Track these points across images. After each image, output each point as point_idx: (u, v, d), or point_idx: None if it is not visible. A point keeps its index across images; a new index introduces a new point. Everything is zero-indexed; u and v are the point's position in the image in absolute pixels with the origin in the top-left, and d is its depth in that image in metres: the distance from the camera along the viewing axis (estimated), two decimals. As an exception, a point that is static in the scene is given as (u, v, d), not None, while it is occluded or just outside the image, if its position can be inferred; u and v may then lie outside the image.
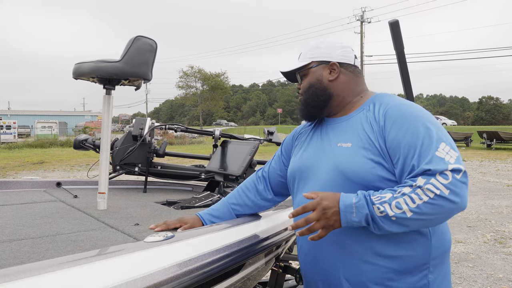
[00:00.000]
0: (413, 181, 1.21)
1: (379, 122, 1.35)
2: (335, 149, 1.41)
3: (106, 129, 2.02)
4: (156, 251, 1.19)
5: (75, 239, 1.48)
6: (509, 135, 23.52)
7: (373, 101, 1.44)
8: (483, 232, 5.90)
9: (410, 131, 1.28)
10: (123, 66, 1.81)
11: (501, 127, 53.15)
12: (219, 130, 2.82)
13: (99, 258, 1.10)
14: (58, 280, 0.96)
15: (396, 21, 1.85)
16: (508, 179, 11.23)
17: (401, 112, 1.34)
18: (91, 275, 1.02)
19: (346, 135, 1.41)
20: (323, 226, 1.26)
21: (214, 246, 1.32)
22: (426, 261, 1.34)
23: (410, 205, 1.19)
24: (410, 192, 1.20)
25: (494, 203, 7.98)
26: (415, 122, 1.30)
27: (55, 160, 16.09)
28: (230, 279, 1.50)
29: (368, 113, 1.41)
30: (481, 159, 17.17)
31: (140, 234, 1.55)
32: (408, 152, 1.27)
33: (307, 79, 1.52)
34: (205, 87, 50.16)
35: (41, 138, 27.27)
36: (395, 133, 1.30)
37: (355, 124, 1.42)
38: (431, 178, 1.19)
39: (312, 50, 1.52)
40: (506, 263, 4.60)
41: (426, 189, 1.18)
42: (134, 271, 1.07)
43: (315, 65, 1.50)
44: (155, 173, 2.73)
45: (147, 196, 2.50)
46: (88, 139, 2.83)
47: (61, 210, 1.98)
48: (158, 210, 2.07)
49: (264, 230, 1.69)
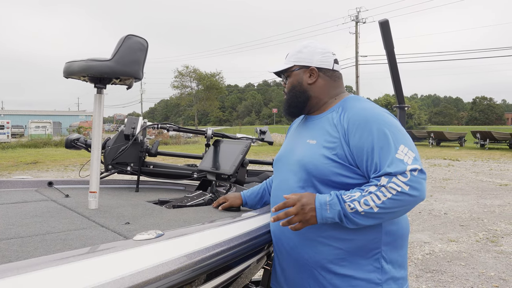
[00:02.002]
0: (378, 181, 1.39)
1: (343, 125, 1.50)
2: (304, 145, 1.60)
3: (97, 128, 2.02)
4: (145, 249, 1.19)
5: (65, 238, 1.48)
6: (502, 135, 23.66)
7: (342, 104, 1.60)
8: (476, 231, 5.94)
9: (372, 135, 1.43)
10: (113, 65, 1.81)
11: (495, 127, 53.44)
12: (211, 130, 2.82)
13: (87, 256, 1.10)
14: (46, 278, 0.96)
15: (386, 20, 1.86)
16: (501, 179, 11.31)
17: (364, 117, 1.48)
18: (79, 273, 1.02)
19: (314, 132, 1.60)
20: (300, 220, 1.45)
21: (204, 244, 1.32)
22: (377, 245, 1.51)
23: (376, 202, 1.36)
24: (376, 190, 1.38)
25: (486, 202, 8.04)
26: (377, 126, 1.44)
27: (49, 160, 16.00)
28: (221, 277, 1.50)
29: (335, 114, 1.57)
30: (475, 159, 17.27)
31: (131, 233, 1.55)
32: (371, 155, 1.42)
33: (290, 81, 1.69)
34: (200, 87, 50.07)
35: (35, 138, 27.10)
36: (358, 137, 1.45)
37: (323, 123, 1.59)
38: (392, 178, 1.36)
39: (296, 55, 1.67)
40: (497, 261, 4.63)
41: (389, 187, 1.36)
42: (123, 269, 1.07)
43: (297, 68, 1.67)
44: (148, 173, 2.73)
45: (139, 195, 2.50)
46: (80, 138, 2.82)
47: (52, 209, 1.98)
48: (150, 209, 2.07)
49: (255, 229, 1.69)
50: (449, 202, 8.02)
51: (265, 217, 1.80)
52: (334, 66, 1.67)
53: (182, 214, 1.97)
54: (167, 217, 1.90)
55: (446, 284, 4.00)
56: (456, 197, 8.55)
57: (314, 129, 1.62)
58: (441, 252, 4.98)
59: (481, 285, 3.98)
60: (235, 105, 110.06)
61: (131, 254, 1.15)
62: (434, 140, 26.20)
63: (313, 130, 1.62)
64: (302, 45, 1.70)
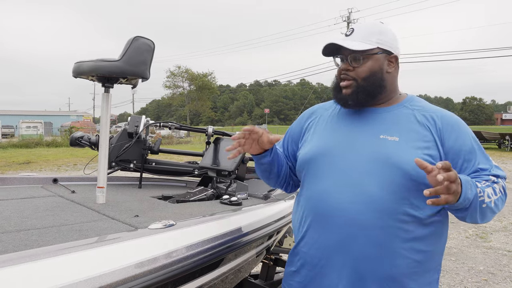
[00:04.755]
0: (488, 177, 1.34)
1: (436, 125, 1.37)
2: (378, 141, 1.36)
3: (104, 126, 2.10)
4: (161, 236, 1.29)
5: (79, 229, 1.56)
6: (491, 135, 24.00)
7: (411, 102, 1.46)
8: (466, 227, 6.09)
9: (469, 137, 1.39)
10: (122, 65, 1.89)
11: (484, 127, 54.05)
12: (212, 128, 2.91)
13: (111, 242, 1.19)
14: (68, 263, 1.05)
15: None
16: (490, 177, 11.51)
17: (456, 119, 1.42)
18: (107, 257, 1.11)
19: (389, 128, 1.38)
20: (454, 191, 1.16)
21: (212, 233, 1.41)
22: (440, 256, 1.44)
23: (493, 197, 1.30)
24: (492, 184, 1.33)
25: (476, 200, 8.20)
26: (470, 131, 1.43)
27: (41, 160, 15.95)
28: (220, 269, 1.59)
29: (414, 112, 1.41)
30: (465, 158, 17.50)
31: (142, 224, 1.64)
32: (468, 156, 1.37)
33: (369, 64, 1.41)
34: (192, 87, 50.03)
35: (26, 138, 26.90)
36: (454, 138, 1.36)
37: (399, 119, 1.40)
38: (500, 179, 1.37)
39: (378, 36, 1.42)
40: (486, 256, 4.77)
41: (501, 186, 1.35)
42: (142, 254, 1.16)
43: (380, 52, 1.41)
44: (150, 169, 2.81)
45: (143, 191, 2.58)
46: (84, 136, 2.90)
47: (61, 204, 2.05)
48: (155, 203, 2.15)
49: (256, 221, 1.79)
50: (439, 200, 8.17)
51: (269, 209, 1.89)
52: None
53: (186, 208, 2.06)
54: (172, 210, 1.99)
55: (437, 278, 4.12)
56: (447, 195, 8.70)
57: (387, 123, 1.40)
58: (432, 248, 5.11)
59: (471, 278, 4.11)
60: (227, 105, 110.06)
61: (147, 242, 1.24)
62: (424, 140, 26.43)
63: (387, 124, 1.40)
64: (381, 26, 1.45)
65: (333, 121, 1.51)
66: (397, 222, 1.31)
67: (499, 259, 4.68)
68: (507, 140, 22.04)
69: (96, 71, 1.91)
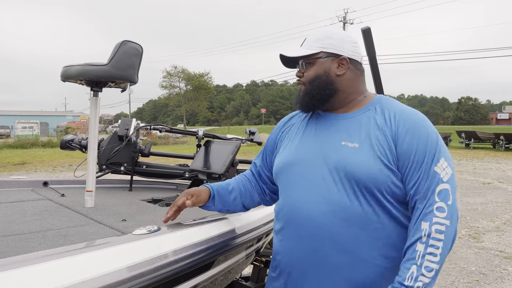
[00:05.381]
0: (420, 231, 1.25)
1: (391, 127, 1.34)
2: (340, 148, 1.37)
3: (93, 129, 2.10)
4: (144, 242, 1.29)
5: (65, 234, 1.57)
6: (486, 135, 24.11)
7: (379, 103, 1.44)
8: (458, 228, 6.11)
9: (422, 146, 1.30)
10: (110, 69, 1.90)
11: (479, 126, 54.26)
12: (202, 130, 2.92)
13: (90, 249, 1.20)
14: (52, 269, 1.05)
15: (368, 28, 1.97)
16: (484, 177, 11.57)
17: (414, 120, 1.35)
18: (84, 265, 1.11)
19: (351, 134, 1.38)
20: None
21: (197, 238, 1.42)
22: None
23: (435, 259, 1.22)
24: (425, 248, 1.23)
25: (469, 200, 8.25)
26: (427, 132, 1.33)
27: (37, 161, 15.89)
28: (211, 270, 1.60)
29: (376, 115, 1.39)
30: (459, 158, 17.59)
31: (128, 229, 1.64)
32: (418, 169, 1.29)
33: (313, 69, 1.45)
34: (188, 87, 50.00)
35: (22, 139, 26.79)
36: (408, 142, 1.31)
37: (361, 124, 1.39)
38: (432, 218, 1.24)
39: (323, 40, 1.45)
40: (478, 257, 4.80)
41: (435, 234, 1.23)
42: (124, 261, 1.17)
43: (324, 56, 1.44)
44: (140, 172, 2.82)
45: (133, 194, 2.59)
46: (75, 139, 2.90)
47: (49, 208, 2.05)
48: (144, 207, 2.16)
49: (244, 225, 1.80)
50: (433, 201, 8.21)
51: (257, 213, 1.90)
52: (362, 59, 1.51)
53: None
54: (161, 214, 1.99)
55: (429, 279, 4.15)
56: (441, 196, 8.74)
57: (348, 129, 1.40)
58: (425, 248, 5.13)
59: (462, 279, 4.14)
60: (224, 105, 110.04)
61: (131, 247, 1.25)
62: (420, 140, 26.52)
63: (347, 130, 1.40)
64: (330, 30, 1.49)
65: (302, 130, 1.53)
66: (363, 230, 1.31)
67: (491, 259, 4.72)
68: (501, 140, 22.13)
69: (84, 75, 1.92)
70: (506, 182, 10.62)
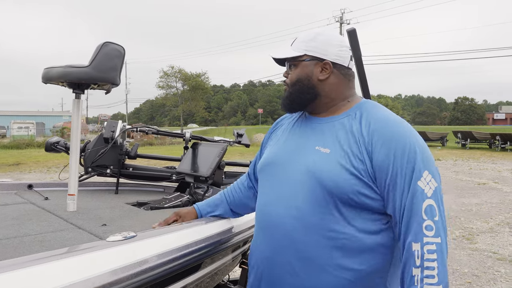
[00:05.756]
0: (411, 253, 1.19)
1: (366, 138, 1.28)
2: (312, 152, 1.34)
3: (75, 132, 2.07)
4: (117, 250, 1.25)
5: (42, 240, 1.53)
6: (482, 135, 24.18)
7: (360, 109, 1.38)
8: (452, 229, 6.10)
9: (398, 155, 1.23)
10: (91, 71, 1.86)
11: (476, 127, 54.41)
12: (189, 132, 2.89)
13: (60, 257, 1.16)
14: (17, 279, 1.01)
15: (353, 29, 1.94)
16: (479, 178, 11.58)
17: (391, 131, 1.27)
18: (50, 274, 1.07)
19: (326, 139, 1.35)
20: None
21: (174, 245, 1.39)
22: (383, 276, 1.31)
23: (435, 280, 1.16)
24: (421, 271, 1.17)
25: (464, 201, 8.24)
26: (406, 144, 1.25)
27: (32, 161, 15.82)
28: (194, 275, 1.57)
29: (353, 121, 1.34)
30: (455, 159, 17.61)
31: (106, 234, 1.61)
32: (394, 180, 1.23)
33: (297, 72, 1.42)
34: (185, 87, 49.91)
35: (17, 139, 26.71)
36: (385, 153, 1.24)
37: (338, 130, 1.35)
38: (422, 238, 1.18)
39: (308, 42, 1.41)
40: (471, 258, 4.79)
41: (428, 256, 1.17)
42: (94, 269, 1.13)
43: (308, 59, 1.40)
44: (127, 175, 2.78)
45: (118, 197, 2.55)
46: (60, 142, 2.86)
47: (30, 212, 2.02)
48: (127, 211, 2.12)
49: (227, 229, 1.76)
50: (428, 201, 8.20)
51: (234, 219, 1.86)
52: (350, 63, 1.44)
53: (159, 215, 2.03)
54: (143, 218, 1.96)
55: (421, 281, 4.13)
56: (436, 196, 8.74)
57: (324, 134, 1.37)
58: (418, 250, 5.11)
59: (455, 281, 4.12)
60: (221, 106, 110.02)
61: (103, 255, 1.21)
62: (417, 140, 26.59)
63: (323, 135, 1.36)
64: (315, 32, 1.44)
65: (287, 131, 1.51)
66: (324, 238, 1.27)
67: (484, 261, 4.70)
68: (497, 140, 22.18)
69: (65, 77, 1.88)
70: (501, 183, 10.63)
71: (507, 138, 21.89)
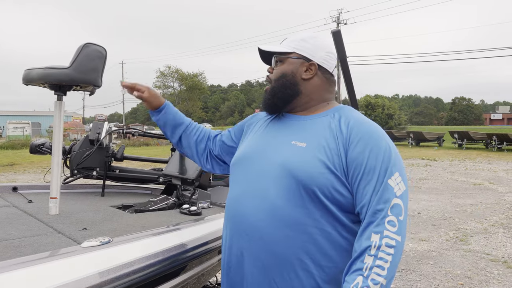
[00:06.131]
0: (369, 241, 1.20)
1: (344, 133, 1.31)
2: (288, 146, 1.36)
3: (57, 134, 2.04)
4: (90, 256, 1.23)
5: (18, 245, 1.50)
6: (478, 135, 24.21)
7: (338, 111, 1.41)
8: (446, 230, 6.09)
9: (374, 152, 1.27)
10: (71, 72, 1.83)
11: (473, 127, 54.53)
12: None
13: (32, 264, 1.13)
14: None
15: (338, 30, 1.92)
16: (475, 178, 11.58)
17: (369, 129, 1.32)
18: (22, 280, 1.05)
19: (303, 135, 1.37)
20: None
21: (149, 251, 1.36)
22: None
23: (382, 273, 1.18)
24: (374, 260, 1.19)
25: (459, 201, 8.23)
26: (384, 144, 1.29)
27: (26, 162, 15.74)
28: (173, 280, 1.54)
29: (332, 120, 1.37)
30: (452, 159, 17.63)
31: (85, 239, 1.58)
32: (369, 179, 1.26)
33: (282, 67, 1.45)
34: (182, 87, 49.86)
35: (13, 139, 26.58)
36: (360, 150, 1.28)
37: (316, 127, 1.38)
38: (383, 231, 1.20)
39: (299, 42, 1.45)
40: (464, 259, 4.77)
41: (385, 248, 1.19)
42: (65, 276, 1.10)
43: (296, 57, 1.44)
44: (114, 177, 2.75)
45: (104, 200, 2.52)
46: (46, 144, 2.82)
47: (12, 215, 1.99)
48: (111, 214, 2.09)
49: (211, 232, 1.74)
50: (423, 202, 8.19)
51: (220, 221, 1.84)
52: (334, 70, 1.49)
53: (142, 219, 2.00)
54: (126, 222, 1.93)
55: (413, 283, 4.10)
56: (431, 197, 8.73)
57: (302, 130, 1.39)
58: (412, 251, 5.10)
59: (447, 283, 4.10)
60: (218, 105, 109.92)
61: (75, 261, 1.18)
62: (413, 140, 26.66)
63: (301, 131, 1.38)
64: (307, 34, 1.49)
65: (264, 127, 1.51)
66: (295, 232, 1.27)
67: (477, 262, 4.68)
68: (494, 140, 22.22)
69: (45, 78, 1.85)
70: (496, 183, 10.63)
71: (503, 139, 21.94)
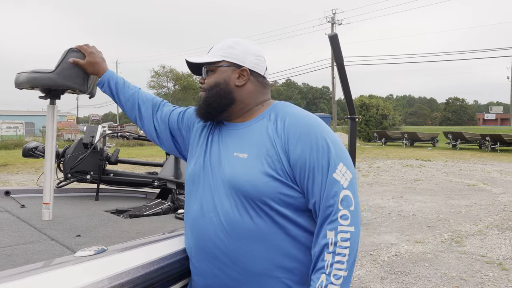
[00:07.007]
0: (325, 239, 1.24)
1: (281, 137, 1.32)
2: (231, 159, 1.36)
3: (50, 138, 2.01)
4: (85, 266, 1.19)
5: (10, 253, 1.47)
6: (472, 136, 24.33)
7: (273, 110, 1.42)
8: (441, 231, 6.10)
9: (314, 149, 1.28)
10: (55, 77, 1.78)
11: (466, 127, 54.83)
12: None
13: (24, 276, 1.10)
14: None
15: (335, 34, 1.91)
16: (469, 179, 11.63)
17: (306, 126, 1.32)
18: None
19: (243, 144, 1.37)
20: None
21: (146, 260, 1.33)
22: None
23: (343, 267, 1.23)
24: (333, 257, 1.23)
25: (454, 202, 8.26)
26: (321, 138, 1.30)
27: (20, 162, 15.61)
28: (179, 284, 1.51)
29: (268, 123, 1.38)
30: (446, 159, 17.70)
31: (79, 246, 1.55)
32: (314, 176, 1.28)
33: (214, 77, 1.45)
34: (177, 87, 49.76)
35: (6, 139, 26.39)
36: (301, 149, 1.29)
37: (253, 133, 1.38)
38: (337, 226, 1.24)
39: (226, 49, 1.45)
40: (459, 261, 4.78)
41: (340, 242, 1.23)
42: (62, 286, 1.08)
43: (226, 65, 1.44)
44: (108, 181, 2.72)
45: (98, 204, 2.48)
46: (39, 147, 2.79)
47: (3, 221, 1.95)
48: (105, 219, 2.06)
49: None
50: (418, 203, 8.21)
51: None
52: (265, 72, 1.50)
53: (137, 224, 1.97)
54: (121, 228, 1.90)
55: (409, 286, 4.10)
56: (425, 198, 8.76)
57: (241, 139, 1.39)
58: (407, 253, 5.10)
59: (443, 285, 4.10)
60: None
61: (69, 272, 1.15)
62: (407, 141, 26.76)
63: (240, 140, 1.39)
64: (233, 41, 1.48)
65: (209, 138, 1.50)
66: (257, 243, 1.30)
67: (472, 264, 4.69)
68: (488, 141, 22.34)
69: (31, 82, 1.81)
70: (490, 184, 10.69)
71: (497, 139, 22.06)
